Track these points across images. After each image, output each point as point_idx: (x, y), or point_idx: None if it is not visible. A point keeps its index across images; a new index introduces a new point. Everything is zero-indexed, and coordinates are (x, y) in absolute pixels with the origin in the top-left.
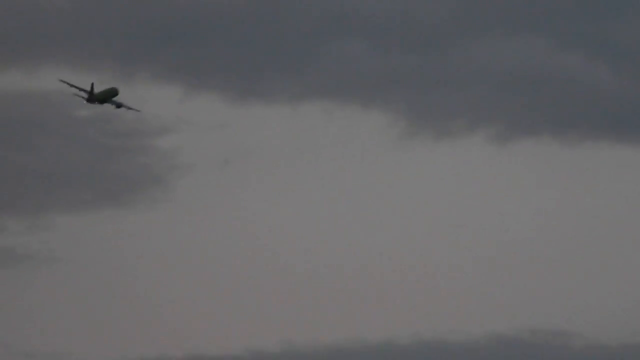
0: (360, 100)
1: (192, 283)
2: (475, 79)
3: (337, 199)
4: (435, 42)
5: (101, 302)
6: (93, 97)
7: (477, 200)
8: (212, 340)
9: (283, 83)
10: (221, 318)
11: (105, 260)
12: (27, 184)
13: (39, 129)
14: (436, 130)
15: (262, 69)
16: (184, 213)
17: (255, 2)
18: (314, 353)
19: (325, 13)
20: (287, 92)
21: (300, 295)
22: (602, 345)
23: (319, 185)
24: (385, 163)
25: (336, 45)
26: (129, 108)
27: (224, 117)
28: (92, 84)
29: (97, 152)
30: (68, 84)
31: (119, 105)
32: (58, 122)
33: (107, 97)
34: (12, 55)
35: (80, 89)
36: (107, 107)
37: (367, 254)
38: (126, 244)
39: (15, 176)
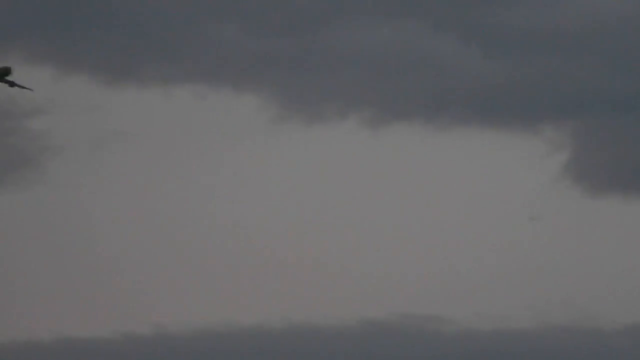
0: (233, 83)
1: (60, 264)
2: (347, 62)
3: (209, 182)
4: (307, 26)
5: None
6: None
7: (349, 184)
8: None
9: (155, 66)
10: (85, 301)
11: None
12: None
13: None
14: (308, 114)
15: (135, 52)
16: (55, 194)
17: None
18: (183, 335)
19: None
20: (160, 75)
21: (168, 279)
22: (475, 330)
23: (190, 168)
24: (257, 146)
25: (209, 28)
26: (22, 87)
27: (96, 100)
28: None
29: None
30: None
31: (12, 84)
32: None
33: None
34: None
35: None
36: None
37: (236, 238)
38: None
39: None
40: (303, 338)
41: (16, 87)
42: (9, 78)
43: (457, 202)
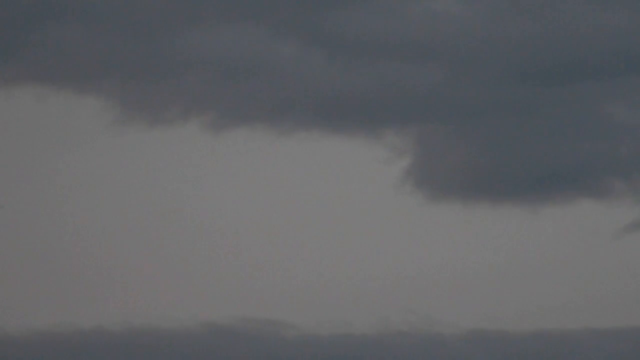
0: (74, 85)
1: None
2: (190, 66)
3: (48, 185)
4: (150, 29)
5: None
6: None
7: (190, 188)
8: None
9: None
10: None
11: None
12: None
13: None
14: (150, 117)
15: None
16: None
17: None
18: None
19: None
20: (1, 76)
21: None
22: (316, 335)
23: (30, 172)
24: (98, 149)
25: (52, 29)
26: None
27: None
28: None
29: None
30: None
31: None
32: None
33: None
34: None
35: None
36: None
37: (72, 240)
38: None
39: None
40: (143, 340)
41: None
42: None
43: (298, 207)
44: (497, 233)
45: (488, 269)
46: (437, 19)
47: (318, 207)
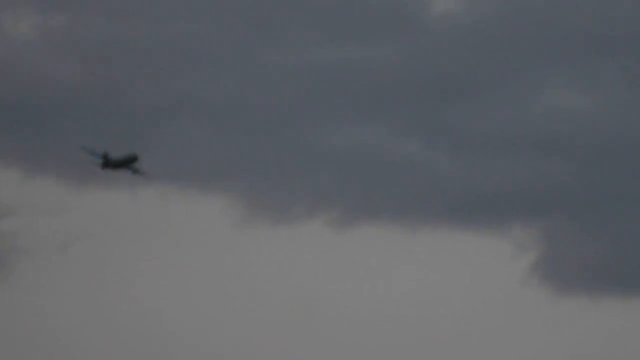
0: (198, 184)
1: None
2: (315, 164)
3: (174, 283)
4: (275, 129)
5: None
6: (109, 163)
7: (316, 283)
8: None
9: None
10: None
11: None
12: None
13: None
14: (275, 214)
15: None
16: (23, 294)
17: (91, 87)
18: None
19: (162, 97)
20: (124, 177)
21: None
22: None
23: (158, 270)
24: (223, 248)
25: (173, 128)
26: (142, 174)
27: (63, 201)
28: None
29: None
30: (87, 151)
31: (135, 171)
32: None
33: (125, 162)
34: None
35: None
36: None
37: (205, 340)
38: None
39: None
40: None
41: (137, 174)
42: (134, 165)
43: (424, 302)
44: (626, 327)
45: None
46: (561, 114)
47: (444, 302)
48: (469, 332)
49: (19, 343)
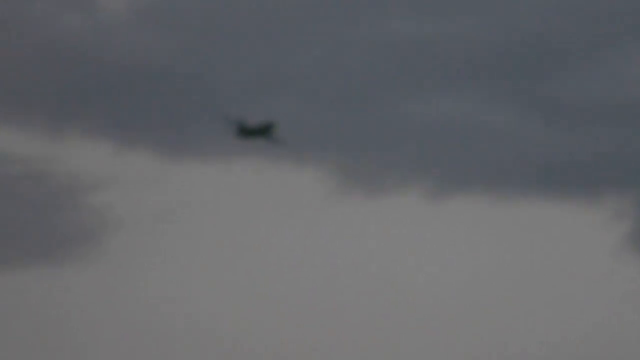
0: (291, 157)
1: (125, 340)
2: (407, 134)
3: (269, 256)
4: (366, 99)
5: None
6: (244, 131)
7: (408, 256)
8: None
9: (215, 140)
10: None
11: (38, 318)
12: None
13: None
14: (368, 186)
15: (194, 126)
16: (116, 270)
17: (188, 60)
18: None
19: (265, 72)
20: (220, 149)
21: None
22: None
23: (251, 242)
24: (317, 220)
25: (265, 101)
26: (282, 143)
27: (156, 174)
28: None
29: (28, 209)
30: (224, 118)
31: (273, 140)
32: None
33: (262, 131)
34: None
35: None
36: None
37: (300, 313)
38: (59, 301)
39: None
40: None
41: (275, 143)
42: (272, 133)
43: (516, 273)
44: None
45: None
46: None
47: (536, 273)
48: (560, 304)
49: (115, 315)
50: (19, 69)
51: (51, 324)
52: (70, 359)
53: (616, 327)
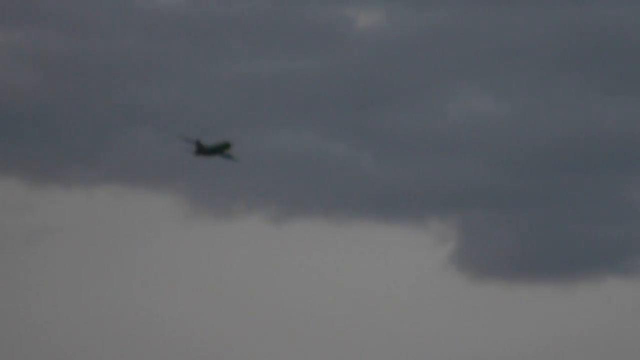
0: (147, 184)
1: None
2: (253, 165)
3: (127, 275)
4: (213, 132)
5: None
6: (202, 150)
7: (256, 274)
8: None
9: (79, 169)
10: None
11: None
12: None
13: None
14: (217, 210)
15: (59, 156)
16: None
17: (49, 94)
18: None
19: (115, 105)
20: (83, 178)
21: None
22: None
23: (114, 262)
24: (173, 241)
25: (125, 134)
26: (236, 160)
27: (25, 200)
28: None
29: None
30: (183, 138)
31: (228, 157)
32: None
33: (218, 149)
34: None
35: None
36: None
37: (160, 325)
38: None
39: None
40: None
41: (230, 160)
42: (227, 151)
43: (353, 289)
44: (535, 310)
45: (528, 344)
46: (474, 116)
47: (371, 289)
48: (393, 316)
49: None
50: None
51: None
52: None
53: (445, 337)
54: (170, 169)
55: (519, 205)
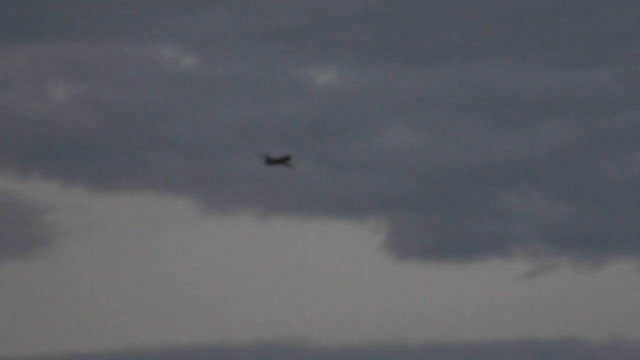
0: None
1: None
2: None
3: (161, 257)
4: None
5: None
6: (271, 160)
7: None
8: None
9: (125, 180)
10: None
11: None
12: None
13: None
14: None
15: (111, 170)
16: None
17: (104, 128)
18: None
19: (150, 136)
20: (127, 186)
21: None
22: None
23: (150, 248)
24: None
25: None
26: (294, 168)
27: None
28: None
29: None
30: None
31: (288, 166)
32: None
33: (282, 160)
34: None
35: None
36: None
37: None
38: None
39: None
40: None
41: (290, 168)
42: (288, 162)
43: (310, 268)
44: (443, 283)
45: (438, 309)
46: (400, 145)
47: (320, 268)
48: (338, 286)
49: None
50: None
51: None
52: None
53: (378, 301)
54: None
55: (431, 208)
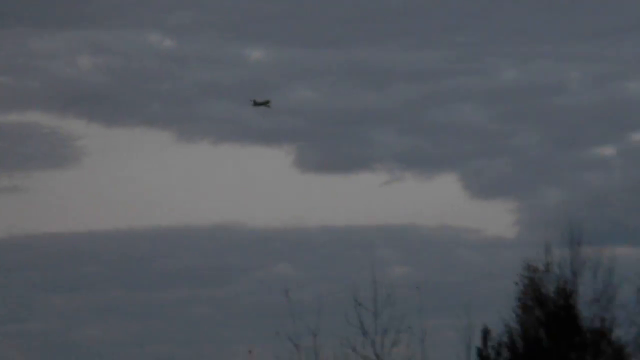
0: None
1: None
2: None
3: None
4: None
5: None
6: (256, 103)
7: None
8: None
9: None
10: None
11: None
12: None
13: None
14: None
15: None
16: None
17: None
18: None
19: None
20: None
21: None
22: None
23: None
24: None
25: None
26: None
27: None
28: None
29: None
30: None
31: (268, 106)
32: None
33: (264, 103)
34: None
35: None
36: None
37: None
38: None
39: None
40: None
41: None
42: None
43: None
44: (329, 188)
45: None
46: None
47: (255, 175)
48: (255, 191)
49: None
50: None
51: None
52: None
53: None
54: None
55: (325, 140)
